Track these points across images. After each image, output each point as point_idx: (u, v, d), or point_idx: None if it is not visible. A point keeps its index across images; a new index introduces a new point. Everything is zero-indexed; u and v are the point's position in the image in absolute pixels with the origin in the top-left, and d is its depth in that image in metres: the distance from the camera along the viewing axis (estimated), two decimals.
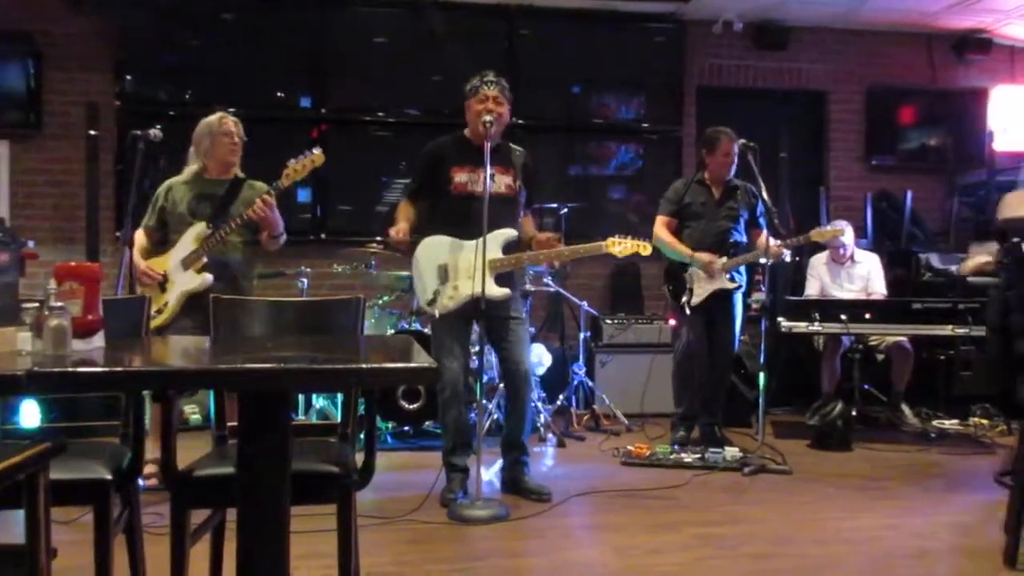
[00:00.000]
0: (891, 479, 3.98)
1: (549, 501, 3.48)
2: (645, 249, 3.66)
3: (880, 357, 5.15)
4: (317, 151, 3.55)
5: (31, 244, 4.84)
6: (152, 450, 3.24)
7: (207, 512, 2.26)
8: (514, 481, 3.61)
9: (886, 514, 3.42)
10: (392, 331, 4.84)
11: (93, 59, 5.58)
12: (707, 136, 4.55)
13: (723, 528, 3.21)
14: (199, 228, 3.60)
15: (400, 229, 3.54)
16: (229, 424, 2.41)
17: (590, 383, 5.34)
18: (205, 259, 3.59)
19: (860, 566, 2.84)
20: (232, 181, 3.72)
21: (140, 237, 3.75)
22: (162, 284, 3.61)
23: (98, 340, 1.76)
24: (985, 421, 5.20)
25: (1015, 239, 3.21)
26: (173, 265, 3.62)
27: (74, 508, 2.94)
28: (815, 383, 5.12)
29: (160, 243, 3.72)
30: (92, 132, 5.46)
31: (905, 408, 5.12)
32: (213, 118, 3.72)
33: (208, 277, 3.55)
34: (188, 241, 3.61)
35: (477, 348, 4.01)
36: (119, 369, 1.47)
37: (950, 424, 5.17)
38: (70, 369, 1.46)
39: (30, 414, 4.10)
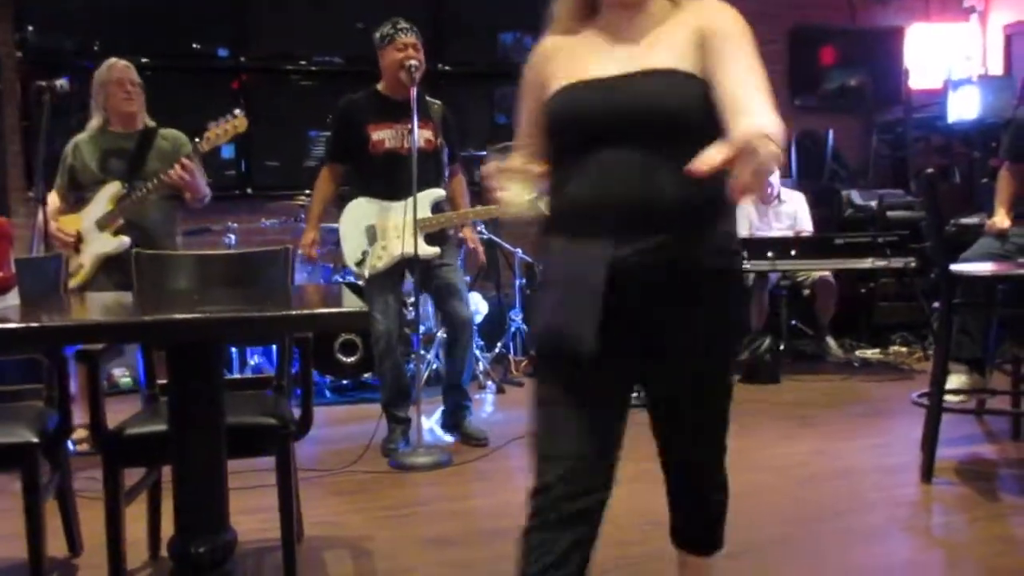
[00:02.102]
0: (817, 408, 4.15)
1: (487, 445, 3.52)
2: None
3: (806, 292, 5.32)
4: (239, 114, 3.36)
5: None
6: (82, 415, 3.16)
7: (142, 473, 2.22)
8: (455, 425, 3.64)
9: (813, 441, 3.57)
10: (325, 284, 4.77)
11: None
12: None
13: (656, 463, 3.29)
14: (114, 187, 3.42)
15: (309, 243, 3.57)
16: (160, 383, 2.37)
17: (527, 329, 5.37)
18: (121, 220, 3.41)
19: (788, 489, 2.96)
20: (142, 133, 3.52)
21: (54, 199, 3.54)
22: (76, 245, 3.41)
23: (12, 298, 1.68)
24: (904, 349, 5.44)
25: None
26: (87, 225, 3.44)
27: (2, 477, 2.86)
28: (744, 320, 5.26)
29: (75, 203, 3.53)
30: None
31: (830, 340, 5.32)
32: (103, 67, 3.50)
33: (125, 240, 3.38)
34: (102, 201, 3.42)
35: (413, 299, 3.99)
36: (35, 324, 1.41)
37: (872, 353, 5.39)
38: None
39: None
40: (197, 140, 3.40)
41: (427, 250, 3.45)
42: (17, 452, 1.91)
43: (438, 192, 3.52)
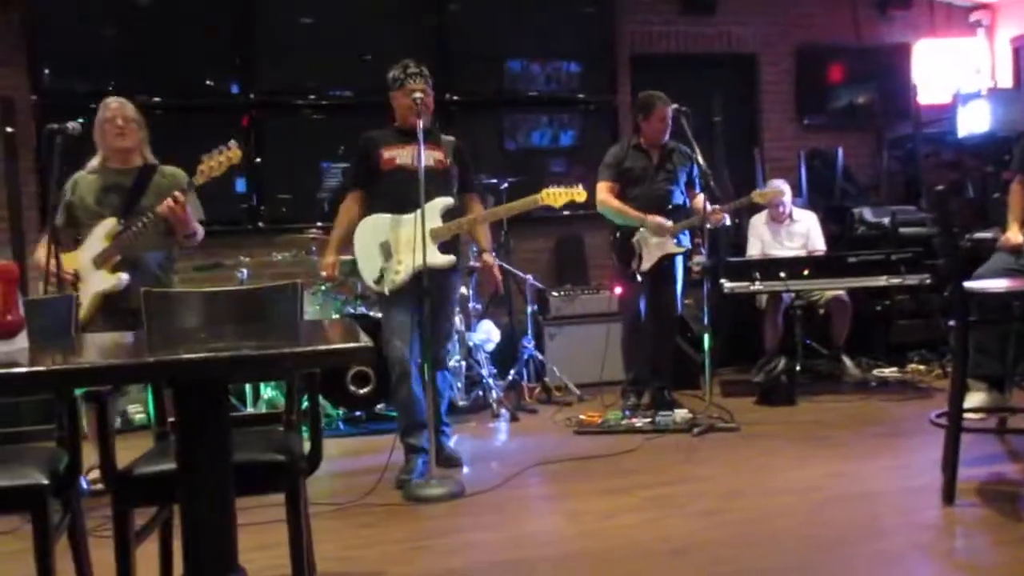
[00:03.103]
0: (835, 429, 4.09)
1: (459, 466, 3.59)
2: (580, 196, 3.69)
3: (820, 311, 5.27)
4: (233, 145, 3.37)
5: None
6: (95, 453, 3.17)
7: (154, 512, 2.22)
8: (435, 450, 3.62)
9: (830, 463, 3.52)
10: (337, 316, 4.78)
11: (6, 52, 5.35)
12: (641, 101, 4.57)
13: (674, 488, 3.27)
14: (109, 224, 3.39)
15: (331, 263, 3.62)
16: (170, 420, 2.37)
17: (540, 356, 5.36)
18: (118, 257, 3.38)
19: (807, 512, 2.92)
20: (140, 169, 3.50)
21: (45, 244, 3.44)
22: (74, 284, 3.36)
23: (21, 340, 1.70)
24: (922, 367, 5.37)
25: None
26: (84, 263, 3.39)
27: (14, 519, 2.87)
28: (759, 341, 5.23)
29: (73, 240, 3.49)
30: (8, 129, 5.25)
31: (846, 359, 5.26)
32: (100, 105, 3.51)
33: (123, 277, 3.35)
34: (98, 238, 3.39)
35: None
36: (42, 368, 1.42)
37: (889, 372, 5.33)
38: None
39: None
40: (191, 177, 3.38)
41: (441, 259, 3.48)
42: (28, 494, 1.90)
43: (447, 200, 3.55)
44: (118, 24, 5.53)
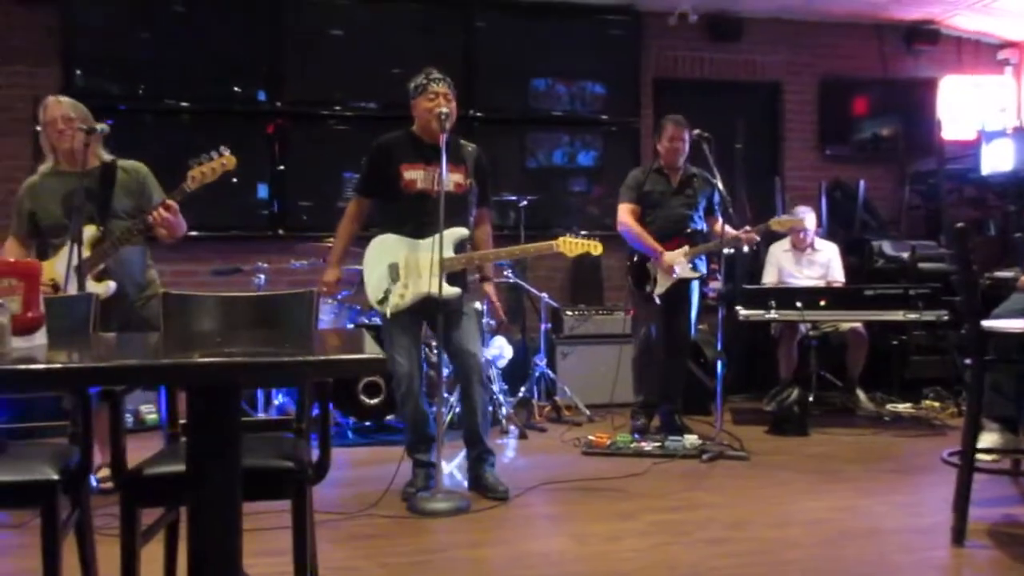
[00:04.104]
0: (846, 462, 4.06)
1: (505, 499, 3.43)
2: (596, 248, 3.61)
3: (836, 343, 5.24)
4: (226, 152, 3.32)
5: None
6: (104, 451, 3.19)
7: (161, 512, 2.23)
8: (474, 477, 3.58)
9: (840, 496, 3.49)
10: (352, 326, 4.80)
11: (40, 53, 5.45)
12: (658, 123, 4.62)
13: (681, 514, 3.25)
14: (88, 232, 3.29)
15: (332, 281, 3.59)
16: (181, 422, 2.39)
17: (552, 374, 5.36)
18: (103, 265, 3.32)
19: (814, 547, 2.89)
20: (102, 169, 3.42)
21: (12, 246, 3.47)
22: (53, 294, 3.20)
23: (40, 337, 1.72)
24: (937, 404, 5.32)
25: None
26: (61, 273, 3.25)
27: (25, 513, 2.89)
28: (773, 370, 5.20)
29: (40, 250, 3.43)
30: (39, 128, 5.32)
31: (860, 393, 5.22)
32: (41, 106, 3.42)
33: (111, 285, 3.31)
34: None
35: (436, 343, 3.99)
36: (59, 366, 1.44)
37: (903, 408, 5.28)
38: (8, 367, 1.43)
39: None
40: (182, 184, 3.33)
41: (449, 290, 3.46)
42: (38, 489, 1.92)
43: (461, 231, 3.53)
44: (150, 28, 5.62)
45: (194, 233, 5.32)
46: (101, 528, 2.56)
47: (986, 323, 2.90)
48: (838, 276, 5.33)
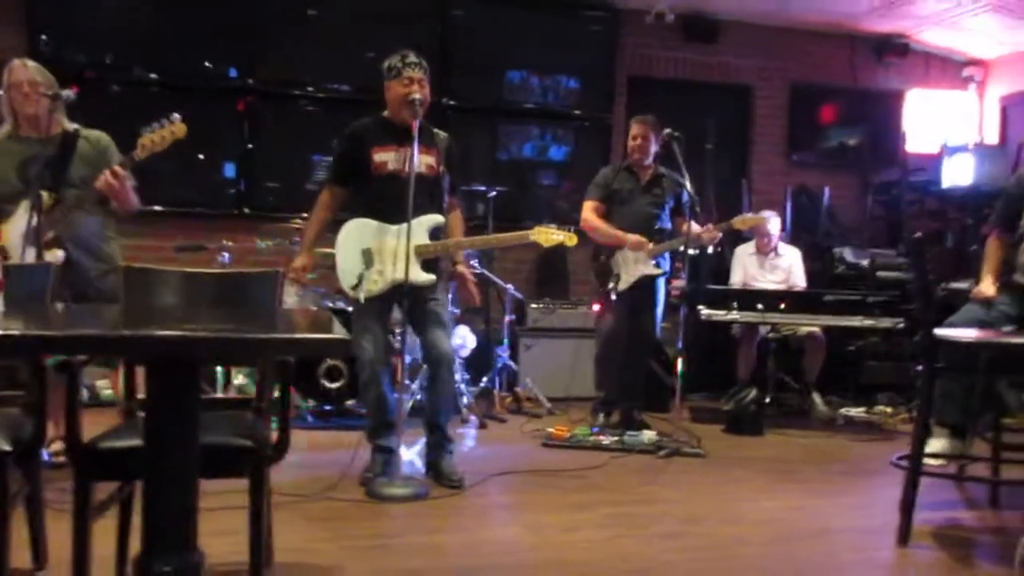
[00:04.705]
0: (798, 463, 4.13)
1: (461, 488, 3.43)
2: (571, 240, 3.62)
3: (794, 346, 5.33)
4: (177, 119, 3.22)
5: None
6: (58, 425, 3.13)
7: (115, 487, 2.20)
8: (432, 464, 3.58)
9: (793, 496, 3.56)
10: (315, 308, 4.76)
11: (3, 15, 5.31)
12: (629, 121, 4.67)
13: (636, 508, 3.29)
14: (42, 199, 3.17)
15: (300, 267, 3.52)
16: (139, 397, 2.35)
17: (514, 366, 5.37)
18: (52, 233, 3.21)
19: (765, 544, 2.95)
20: (63, 137, 3.33)
21: None
22: (4, 260, 3.11)
23: None
24: (888, 409, 5.44)
25: None
26: (13, 240, 3.19)
27: None
28: (732, 370, 5.27)
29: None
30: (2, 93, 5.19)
31: (816, 396, 5.32)
32: (5, 69, 3.32)
33: (59, 254, 3.22)
34: (28, 214, 3.15)
35: (400, 329, 3.98)
36: (16, 333, 1.42)
37: (856, 412, 5.39)
38: None
39: None
40: (131, 152, 3.24)
41: (422, 277, 3.45)
42: None
43: (436, 218, 3.51)
44: None
45: (158, 208, 5.27)
46: (52, 502, 2.53)
47: (938, 331, 2.97)
48: (799, 281, 5.42)
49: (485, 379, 5.24)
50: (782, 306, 4.84)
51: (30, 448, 2.06)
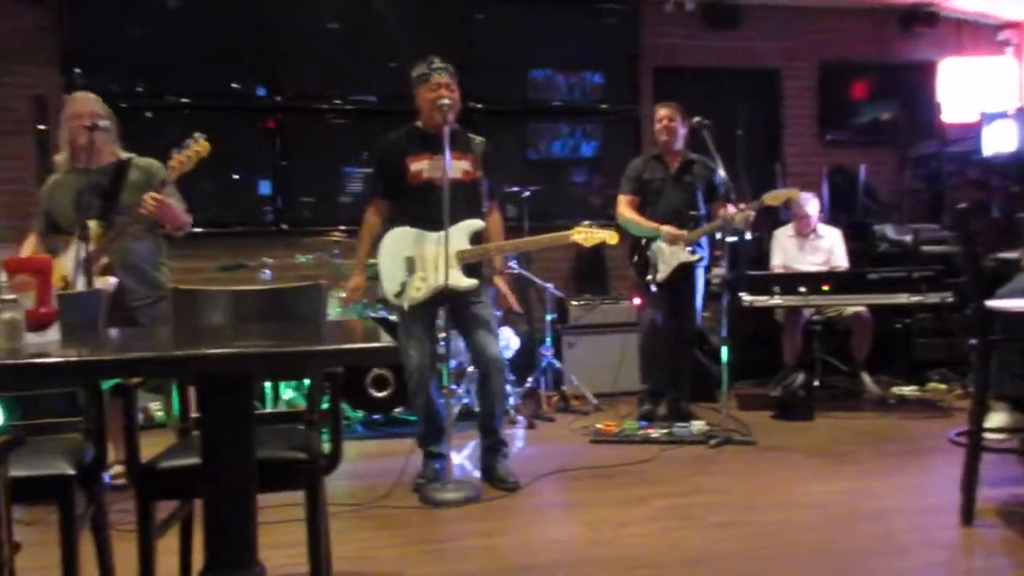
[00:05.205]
0: (852, 445, 4.07)
1: (516, 490, 3.44)
2: (612, 238, 3.61)
3: (840, 328, 5.25)
4: (199, 137, 3.30)
5: None
6: (117, 449, 3.20)
7: (175, 506, 2.25)
8: (486, 467, 3.59)
9: (847, 479, 3.50)
10: (358, 319, 4.81)
11: (38, 52, 5.44)
12: None
13: (689, 499, 3.27)
14: (91, 227, 3.30)
15: (354, 287, 3.62)
16: (193, 416, 2.40)
17: (558, 364, 5.37)
18: (105, 259, 3.33)
19: (822, 528, 2.91)
20: (116, 166, 3.44)
21: (31, 243, 3.50)
22: (62, 291, 3.16)
23: (53, 333, 1.73)
24: (943, 386, 5.34)
25: None
26: (70, 270, 3.30)
27: (40, 509, 2.91)
28: (777, 355, 5.21)
29: (54, 246, 3.44)
30: (41, 127, 5.34)
31: (865, 376, 5.24)
32: (66, 101, 3.43)
33: (112, 280, 3.31)
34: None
35: (444, 334, 4.01)
36: (74, 359, 1.45)
37: (908, 390, 5.29)
38: (24, 361, 1.44)
39: None
40: (164, 174, 3.31)
41: (464, 281, 3.46)
42: (55, 484, 1.94)
43: (476, 223, 3.52)
44: (148, 25, 5.61)
45: (199, 229, 5.34)
46: (116, 524, 2.59)
47: (990, 303, 2.91)
48: (841, 262, 5.33)
49: (530, 379, 5.25)
50: (825, 288, 4.76)
51: (93, 471, 2.11)
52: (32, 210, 3.59)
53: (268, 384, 4.61)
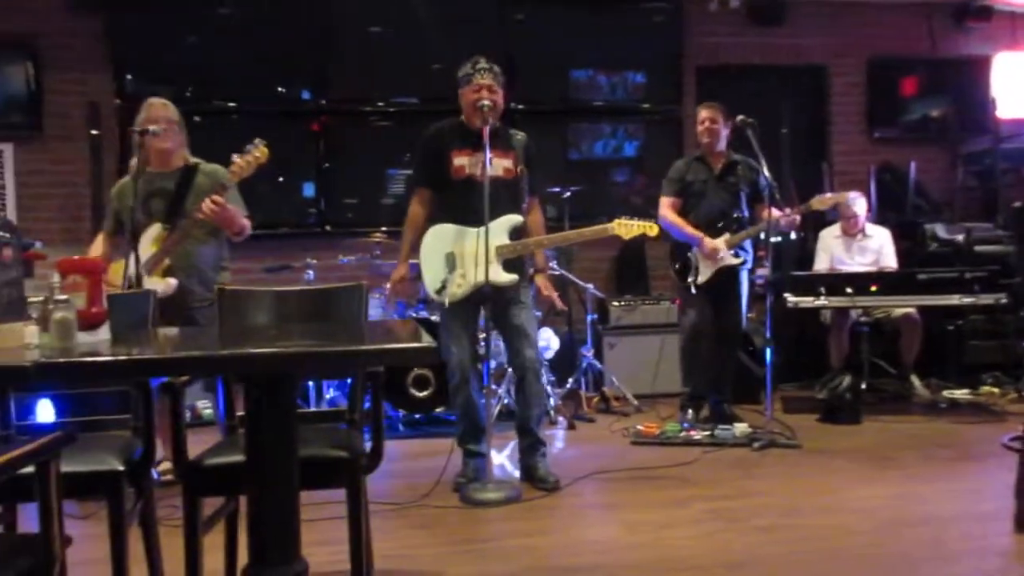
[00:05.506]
0: (900, 450, 3.98)
1: (556, 490, 3.43)
2: (652, 229, 3.61)
3: (889, 329, 5.14)
4: (261, 144, 3.37)
5: (39, 245, 4.86)
6: (165, 446, 3.28)
7: (221, 502, 2.29)
8: (526, 467, 3.60)
9: (895, 484, 3.43)
10: (399, 318, 4.85)
11: (92, 59, 5.60)
12: None
13: (732, 502, 3.23)
14: (155, 230, 3.43)
15: (398, 279, 3.63)
16: (239, 414, 2.45)
17: (599, 365, 5.35)
18: (168, 261, 3.41)
19: (869, 533, 2.85)
20: (182, 171, 3.52)
21: (98, 243, 3.60)
22: (128, 290, 3.28)
23: (103, 332, 1.78)
24: (996, 389, 5.20)
25: None
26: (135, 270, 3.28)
27: (91, 505, 2.99)
28: (823, 358, 5.12)
29: (125, 247, 3.49)
30: (93, 132, 5.49)
31: (915, 379, 5.12)
32: (142, 107, 3.50)
33: (172, 282, 3.39)
34: (146, 244, 3.41)
35: (484, 334, 4.02)
36: (123, 357, 1.49)
37: (960, 394, 5.16)
38: (76, 359, 1.48)
39: (45, 411, 4.15)
40: (224, 179, 3.38)
41: (504, 277, 3.47)
42: (104, 479, 1.99)
43: (516, 218, 3.52)
44: (196, 32, 5.74)
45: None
46: (163, 519, 2.64)
47: None
48: (890, 262, 5.22)
49: (571, 380, 5.24)
50: (873, 288, 4.67)
51: (141, 467, 2.16)
52: (101, 212, 3.64)
53: (311, 383, 4.68)
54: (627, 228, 3.56)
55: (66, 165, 5.61)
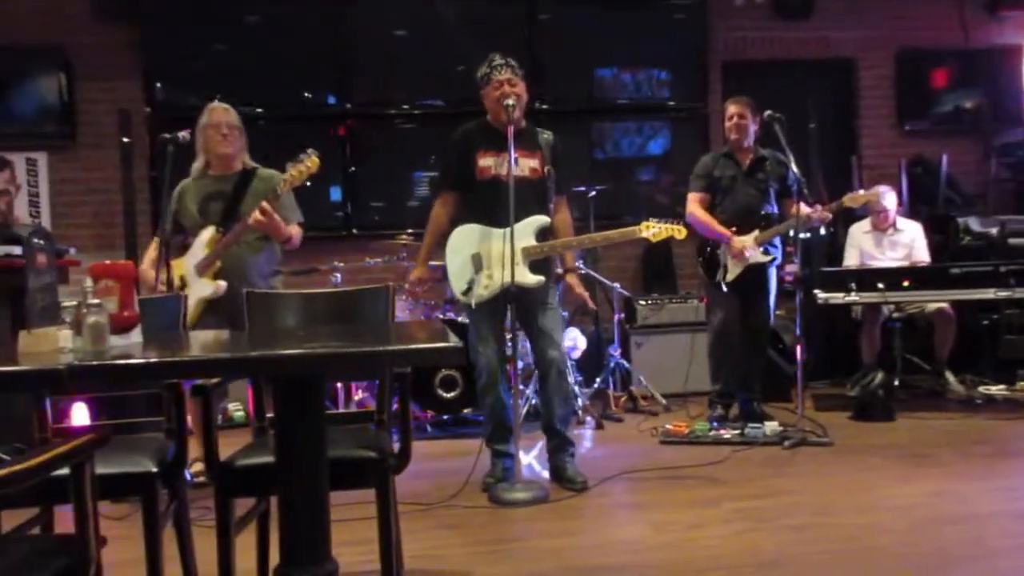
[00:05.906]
0: (935, 447, 3.92)
1: (584, 491, 3.42)
2: (680, 232, 3.58)
3: (922, 325, 5.07)
4: (311, 153, 3.41)
5: (72, 251, 4.93)
6: (197, 448, 3.32)
7: (252, 502, 2.32)
8: (554, 468, 3.59)
9: (931, 481, 3.38)
10: (425, 319, 4.87)
11: (122, 68, 5.69)
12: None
13: (763, 501, 3.20)
14: (209, 232, 3.51)
15: (415, 279, 3.63)
16: (269, 416, 2.47)
17: (626, 365, 5.33)
18: (219, 264, 3.48)
19: (905, 531, 2.81)
20: (240, 175, 3.58)
21: (156, 243, 3.64)
22: (180, 289, 3.45)
23: (135, 335, 1.80)
24: None
25: None
26: (189, 270, 3.52)
27: (125, 505, 3.04)
28: (855, 354, 5.06)
29: (182, 247, 3.63)
30: (125, 140, 5.57)
31: (949, 375, 5.04)
32: (204, 111, 3.58)
33: (222, 284, 3.45)
34: (200, 245, 3.51)
35: (511, 334, 4.01)
36: (155, 360, 1.51)
37: (996, 390, 5.07)
38: (108, 362, 1.50)
39: (80, 414, 4.23)
40: (275, 188, 3.42)
41: (530, 278, 3.45)
42: (139, 480, 2.02)
43: (542, 219, 3.51)
44: (224, 40, 5.82)
45: None
46: (196, 520, 2.68)
47: None
48: (923, 256, 5.15)
49: (598, 380, 5.22)
50: (905, 284, 4.60)
51: (174, 468, 2.19)
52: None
53: (340, 384, 4.71)
54: (654, 230, 3.54)
55: (98, 172, 5.71)
